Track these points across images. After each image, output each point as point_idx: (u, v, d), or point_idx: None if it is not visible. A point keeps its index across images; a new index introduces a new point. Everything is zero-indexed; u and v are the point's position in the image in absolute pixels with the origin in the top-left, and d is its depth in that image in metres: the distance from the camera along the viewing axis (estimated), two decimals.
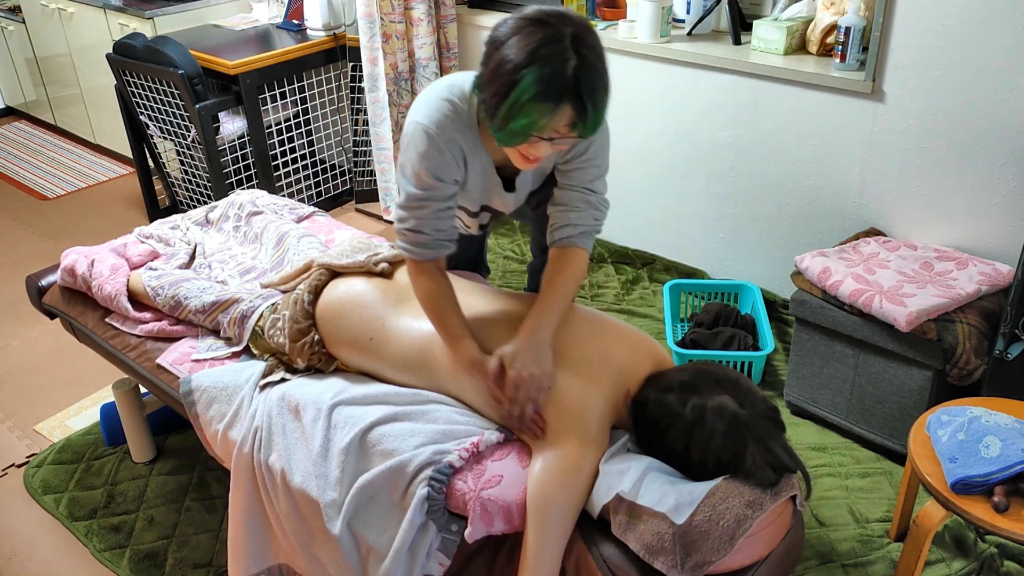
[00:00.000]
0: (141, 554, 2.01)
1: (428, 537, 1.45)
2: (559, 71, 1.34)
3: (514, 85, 1.35)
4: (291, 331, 1.73)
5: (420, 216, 1.58)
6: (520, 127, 1.37)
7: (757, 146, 2.62)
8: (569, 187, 1.69)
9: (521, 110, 1.35)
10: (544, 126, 1.38)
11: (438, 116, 1.55)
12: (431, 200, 1.58)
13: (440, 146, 1.54)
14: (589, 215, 1.69)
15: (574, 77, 1.35)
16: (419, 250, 1.60)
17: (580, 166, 1.67)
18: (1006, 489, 1.52)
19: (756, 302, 2.60)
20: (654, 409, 1.43)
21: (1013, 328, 1.89)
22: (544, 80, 1.33)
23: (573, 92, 1.36)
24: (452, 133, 1.55)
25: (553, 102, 1.35)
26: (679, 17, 2.77)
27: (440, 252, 1.62)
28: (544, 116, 1.36)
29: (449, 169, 1.57)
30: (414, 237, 1.59)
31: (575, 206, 1.68)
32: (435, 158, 1.55)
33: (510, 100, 1.35)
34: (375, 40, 3.14)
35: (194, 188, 3.49)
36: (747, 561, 1.34)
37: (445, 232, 1.62)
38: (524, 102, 1.34)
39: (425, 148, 1.54)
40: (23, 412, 2.56)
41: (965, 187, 2.25)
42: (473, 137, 1.59)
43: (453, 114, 1.55)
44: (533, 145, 1.43)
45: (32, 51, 4.47)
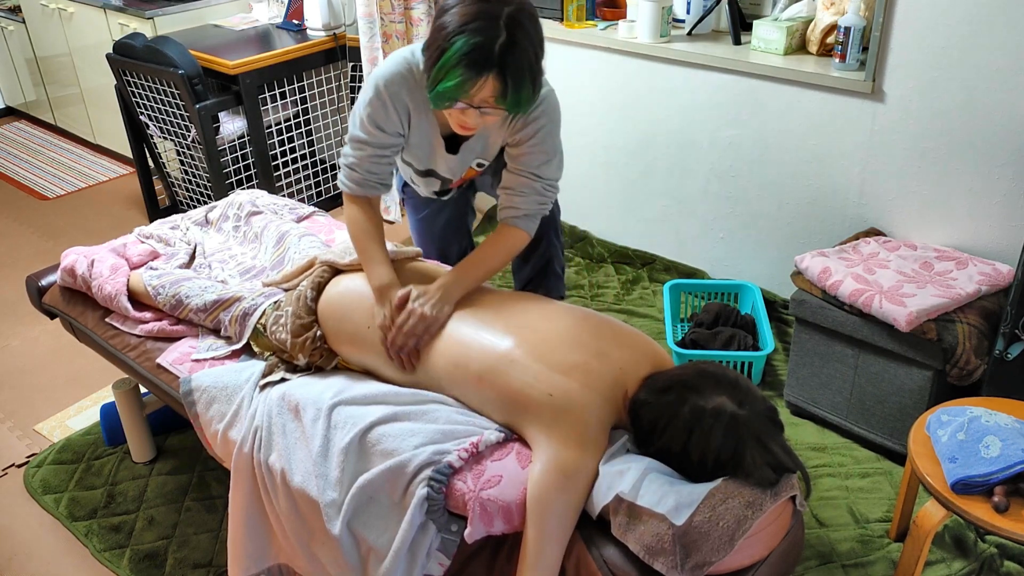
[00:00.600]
0: (141, 554, 2.01)
1: (428, 537, 1.45)
2: (486, 43, 1.45)
3: (445, 50, 1.47)
4: (293, 326, 1.73)
5: (358, 156, 1.76)
6: (446, 90, 1.50)
7: (757, 146, 2.62)
8: (516, 171, 1.80)
9: (447, 73, 1.48)
10: (467, 93, 1.50)
11: (391, 72, 1.69)
12: (368, 145, 1.74)
13: (385, 99, 1.69)
14: (533, 200, 1.80)
15: (499, 53, 1.46)
16: (351, 185, 1.78)
17: (527, 151, 1.77)
18: (1006, 489, 1.52)
19: (756, 302, 2.60)
20: (653, 410, 1.43)
21: (1013, 328, 1.89)
22: (470, 49, 1.45)
23: (496, 66, 1.47)
24: (399, 88, 1.69)
25: (476, 71, 1.47)
26: (679, 17, 2.77)
27: (370, 192, 1.78)
28: (467, 83, 1.48)
29: (390, 122, 1.72)
30: (349, 173, 1.78)
31: (520, 191, 1.79)
32: (378, 108, 1.70)
33: (440, 63, 1.48)
34: (375, 40, 3.14)
35: (194, 188, 3.49)
36: (747, 561, 1.34)
37: (377, 175, 1.77)
38: (450, 66, 1.47)
39: (371, 97, 1.70)
40: (23, 412, 2.56)
41: (965, 187, 2.25)
42: (422, 97, 1.71)
43: (407, 72, 1.68)
44: (464, 112, 1.56)
45: (32, 51, 4.47)
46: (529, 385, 1.47)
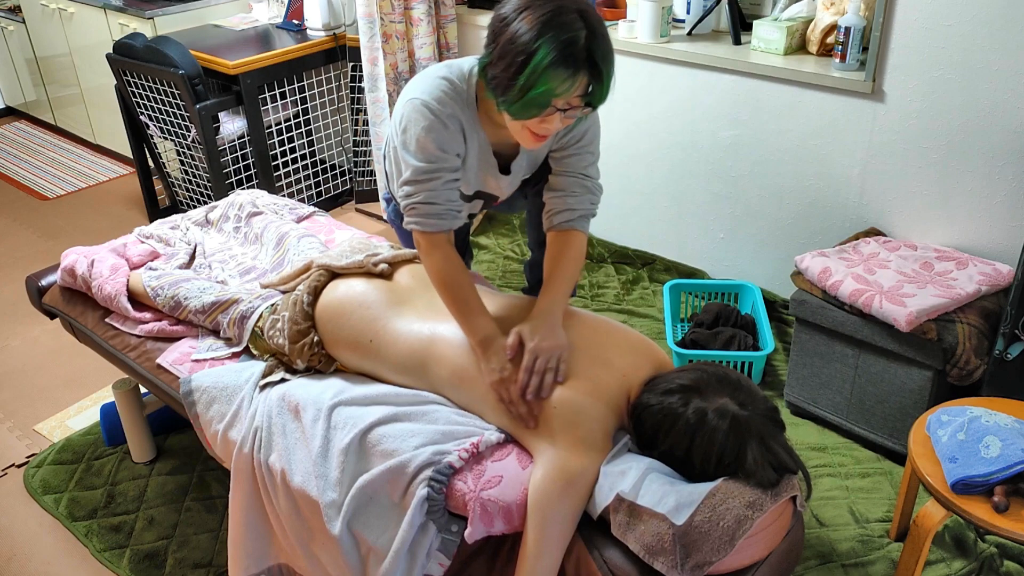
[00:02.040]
0: (141, 554, 2.01)
1: (428, 537, 1.45)
2: (573, 39, 1.41)
3: (531, 55, 1.40)
4: (290, 332, 1.73)
5: (431, 188, 1.61)
6: (539, 95, 1.42)
7: (757, 146, 2.62)
8: (565, 173, 1.75)
9: (540, 77, 1.41)
10: (562, 93, 1.43)
11: (438, 92, 1.60)
12: (440, 171, 1.61)
13: (443, 119, 1.59)
14: (586, 199, 1.75)
15: (587, 46, 1.42)
16: (433, 221, 1.62)
17: (575, 152, 1.74)
18: (1006, 489, 1.52)
19: (756, 302, 2.60)
20: (655, 412, 1.43)
21: (1013, 328, 1.89)
22: (560, 48, 1.40)
23: (588, 60, 1.42)
24: (452, 108, 1.60)
25: (571, 69, 1.41)
26: (679, 17, 2.77)
27: (453, 223, 1.64)
28: (563, 83, 1.42)
29: (454, 141, 1.62)
30: (427, 209, 1.61)
31: (572, 191, 1.74)
32: (439, 130, 1.59)
33: (528, 69, 1.41)
34: (375, 40, 3.14)
35: (194, 188, 3.49)
36: (747, 561, 1.34)
37: (455, 203, 1.64)
38: (543, 69, 1.40)
39: (429, 122, 1.58)
40: (23, 412, 2.56)
41: (965, 187, 2.25)
42: (471, 116, 1.64)
43: (452, 91, 1.61)
44: (546, 119, 1.48)
45: (32, 51, 4.47)
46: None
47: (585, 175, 1.76)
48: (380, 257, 1.80)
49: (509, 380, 1.50)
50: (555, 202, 1.75)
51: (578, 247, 1.73)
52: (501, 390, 1.50)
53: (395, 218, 2.08)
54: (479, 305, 1.60)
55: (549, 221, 1.76)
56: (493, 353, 1.54)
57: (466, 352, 1.57)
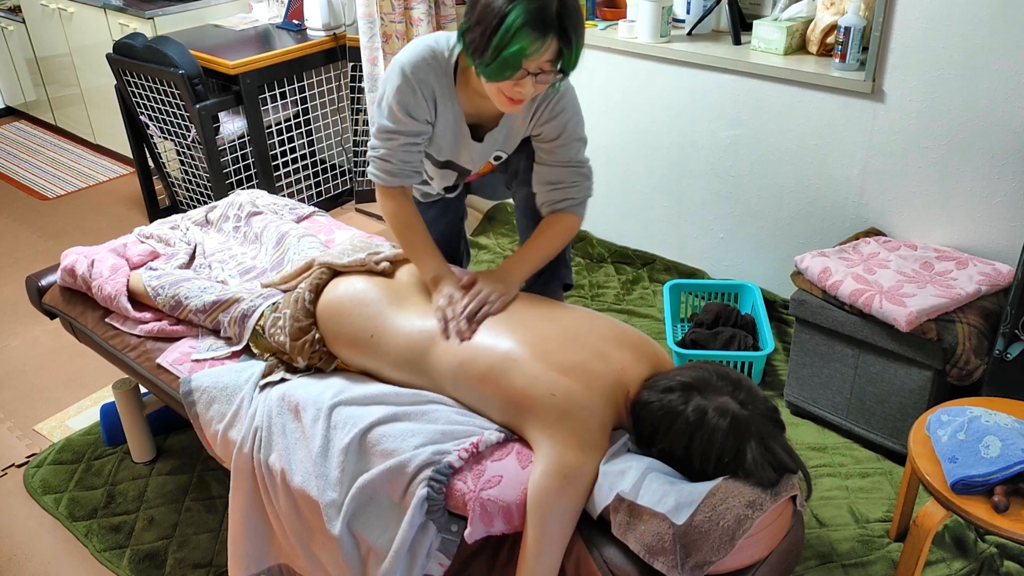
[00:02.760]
0: (141, 554, 2.01)
1: (428, 537, 1.45)
2: (545, 5, 1.50)
3: (504, 17, 1.50)
4: (292, 329, 1.73)
5: (389, 147, 1.77)
6: (511, 55, 1.51)
7: (757, 146, 2.62)
8: (559, 164, 1.84)
9: (513, 38, 1.50)
10: (533, 54, 1.52)
11: (416, 58, 1.71)
12: (400, 134, 1.75)
13: (413, 85, 1.71)
14: (584, 187, 1.87)
15: (557, 12, 1.51)
16: (386, 176, 1.79)
17: (563, 143, 1.83)
18: (1006, 489, 1.52)
19: (756, 302, 2.60)
20: (655, 410, 1.43)
21: (1013, 328, 1.89)
22: (532, 11, 1.49)
23: (558, 25, 1.52)
24: (427, 74, 1.71)
25: (541, 32, 1.50)
26: (679, 17, 2.77)
27: (406, 180, 1.80)
28: (533, 43, 1.51)
29: (419, 108, 1.73)
30: (383, 165, 1.79)
31: (572, 182, 1.85)
32: (407, 95, 1.71)
33: (501, 30, 1.50)
34: (375, 40, 3.14)
35: (194, 188, 3.49)
36: (747, 561, 1.34)
37: (411, 164, 1.79)
38: (515, 29, 1.49)
39: (399, 84, 1.71)
40: (23, 412, 2.56)
41: (965, 187, 2.25)
42: (448, 84, 1.74)
43: (432, 58, 1.71)
44: (519, 83, 1.57)
45: (32, 51, 4.47)
46: (531, 385, 1.47)
47: (579, 163, 1.86)
48: (382, 255, 1.81)
49: (454, 304, 1.63)
50: (553, 194, 1.86)
51: (569, 225, 1.85)
52: (446, 310, 1.63)
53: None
54: (431, 247, 1.77)
55: (548, 207, 1.87)
56: (445, 284, 1.69)
57: (466, 347, 1.57)
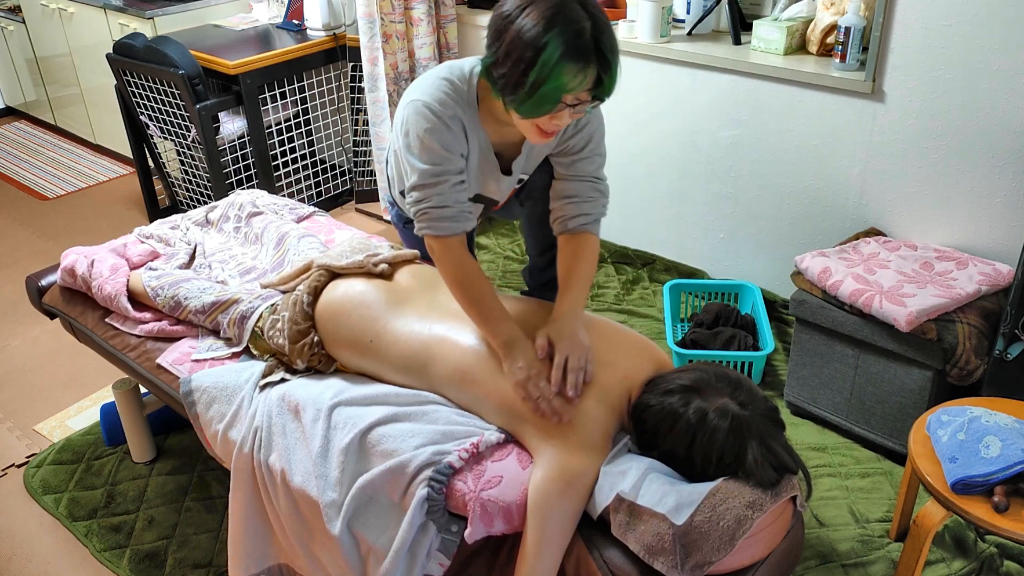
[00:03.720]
0: (141, 554, 2.01)
1: (428, 537, 1.45)
2: (580, 32, 1.39)
3: (540, 51, 1.38)
4: (290, 332, 1.73)
5: (440, 191, 1.59)
6: (551, 90, 1.41)
7: (757, 146, 2.62)
8: (577, 178, 1.76)
9: (551, 73, 1.39)
10: (573, 88, 1.42)
11: (439, 94, 1.58)
12: (446, 173, 1.59)
13: (445, 121, 1.57)
14: (599, 203, 1.77)
15: (593, 37, 1.40)
16: (446, 224, 1.60)
17: (585, 156, 1.75)
18: (1006, 489, 1.52)
19: (756, 302, 2.60)
20: (656, 412, 1.43)
21: (1013, 328, 1.89)
22: (569, 42, 1.38)
23: (596, 51, 1.41)
24: (453, 109, 1.59)
25: (581, 62, 1.40)
26: (679, 17, 2.77)
27: (465, 225, 1.62)
28: (574, 78, 1.41)
29: (457, 142, 1.60)
30: (439, 212, 1.59)
31: (588, 196, 1.75)
32: (443, 131, 1.57)
33: (538, 65, 1.39)
34: (375, 40, 3.14)
35: (194, 188, 3.49)
36: (747, 561, 1.34)
37: (465, 204, 1.62)
38: (553, 64, 1.39)
39: (432, 123, 1.57)
40: (23, 412, 2.56)
41: (965, 187, 2.25)
42: (472, 116, 1.62)
43: (453, 92, 1.59)
44: (556, 115, 1.47)
45: (32, 51, 4.47)
46: None
47: (596, 178, 1.77)
48: (380, 257, 1.80)
49: (537, 378, 1.47)
50: (569, 207, 1.75)
51: (593, 249, 1.74)
52: (529, 387, 1.47)
53: (399, 222, 2.07)
54: (499, 307, 1.57)
55: (563, 225, 1.75)
56: (520, 353, 1.51)
57: (468, 351, 1.57)
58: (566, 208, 1.75)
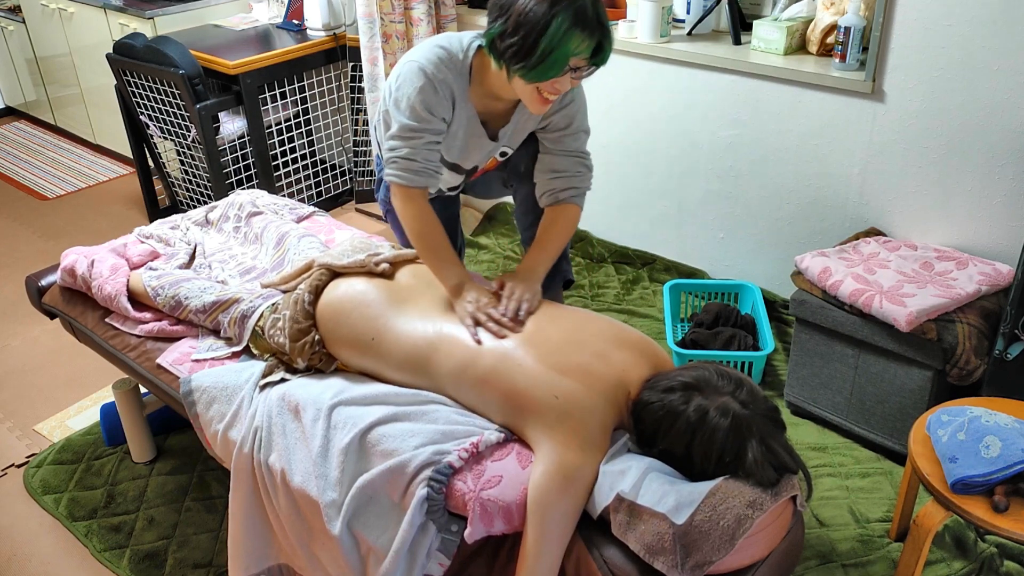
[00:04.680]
0: (141, 554, 2.01)
1: (428, 537, 1.45)
2: (584, 6, 1.58)
3: (550, 20, 1.56)
4: (291, 331, 1.73)
5: (412, 145, 1.76)
6: (560, 55, 1.59)
7: (757, 146, 2.62)
8: (563, 154, 1.92)
9: (561, 40, 1.57)
10: (579, 53, 1.60)
11: (434, 58, 1.74)
12: (423, 132, 1.75)
13: (435, 84, 1.73)
14: (586, 177, 1.94)
15: (595, 11, 1.60)
16: (410, 176, 1.77)
17: (570, 133, 1.91)
18: (1006, 489, 1.52)
19: (756, 302, 2.60)
20: (655, 411, 1.43)
21: (1013, 328, 1.89)
22: (576, 13, 1.57)
23: (598, 22, 1.60)
24: (445, 74, 1.74)
25: (588, 32, 1.58)
26: (679, 17, 2.77)
27: (428, 180, 1.79)
28: (580, 43, 1.58)
29: (440, 106, 1.75)
30: (407, 164, 1.77)
31: (576, 171, 1.92)
32: (429, 93, 1.73)
33: (549, 33, 1.56)
34: (375, 40, 3.14)
35: (194, 188, 3.49)
36: (747, 561, 1.34)
37: (433, 163, 1.79)
38: (564, 31, 1.56)
39: (421, 83, 1.73)
40: (23, 412, 2.56)
41: (965, 187, 2.25)
42: (463, 85, 1.78)
43: (448, 59, 1.74)
44: (558, 80, 1.63)
45: (32, 51, 4.47)
46: (533, 386, 1.47)
47: (582, 153, 1.93)
48: (381, 256, 1.80)
49: (484, 307, 1.63)
50: (557, 181, 1.91)
51: (573, 216, 1.92)
52: (477, 315, 1.61)
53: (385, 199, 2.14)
54: (451, 255, 1.76)
55: (552, 197, 1.92)
56: (468, 291, 1.68)
57: (469, 348, 1.57)
58: (554, 182, 1.92)
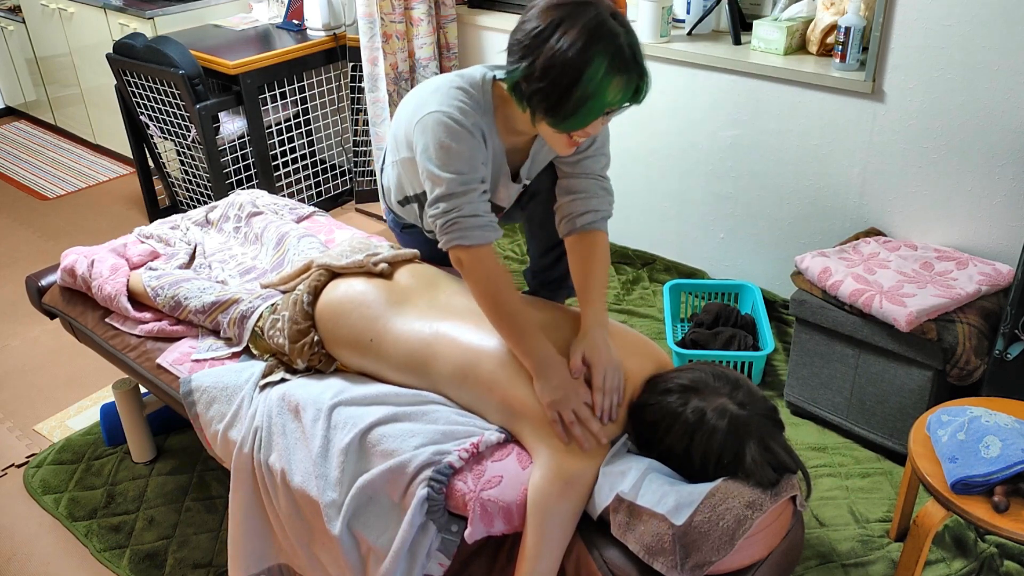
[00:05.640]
0: (141, 554, 2.01)
1: (428, 537, 1.45)
2: (620, 46, 1.42)
3: (585, 66, 1.40)
4: (291, 332, 1.73)
5: (470, 199, 1.55)
6: (597, 105, 1.44)
7: (757, 146, 2.62)
8: (584, 176, 1.75)
9: (598, 88, 1.41)
10: (615, 101, 1.45)
11: (458, 103, 1.56)
12: (474, 181, 1.56)
13: (469, 129, 1.55)
14: (606, 201, 1.77)
15: (630, 50, 1.43)
16: (478, 233, 1.55)
17: (592, 155, 1.75)
18: (1006, 489, 1.52)
19: (756, 302, 2.60)
20: (655, 411, 1.43)
21: (1013, 328, 1.89)
22: (612, 57, 1.41)
23: (635, 62, 1.44)
24: (474, 117, 1.57)
25: (625, 75, 1.43)
26: (679, 17, 2.77)
27: (496, 234, 1.59)
28: (619, 90, 1.43)
29: (481, 151, 1.58)
30: (471, 222, 1.55)
31: (595, 193, 1.75)
32: (468, 140, 1.55)
33: (584, 81, 1.41)
34: (375, 40, 3.14)
35: (194, 188, 3.49)
36: (747, 561, 1.34)
37: (492, 214, 1.59)
38: (600, 79, 1.41)
39: (457, 133, 1.54)
40: (23, 412, 2.56)
41: (965, 187, 2.25)
42: (490, 124, 1.62)
43: (471, 101, 1.58)
44: (593, 124, 1.48)
45: (32, 51, 4.47)
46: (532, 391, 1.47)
47: (602, 176, 1.77)
48: (380, 257, 1.80)
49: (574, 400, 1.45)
50: (576, 205, 1.74)
51: (604, 249, 1.75)
52: (562, 409, 1.44)
53: (396, 227, 2.06)
54: (531, 323, 1.53)
55: (571, 224, 1.74)
56: (553, 372, 1.48)
57: (468, 349, 1.57)
58: (573, 205, 1.74)
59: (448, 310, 1.67)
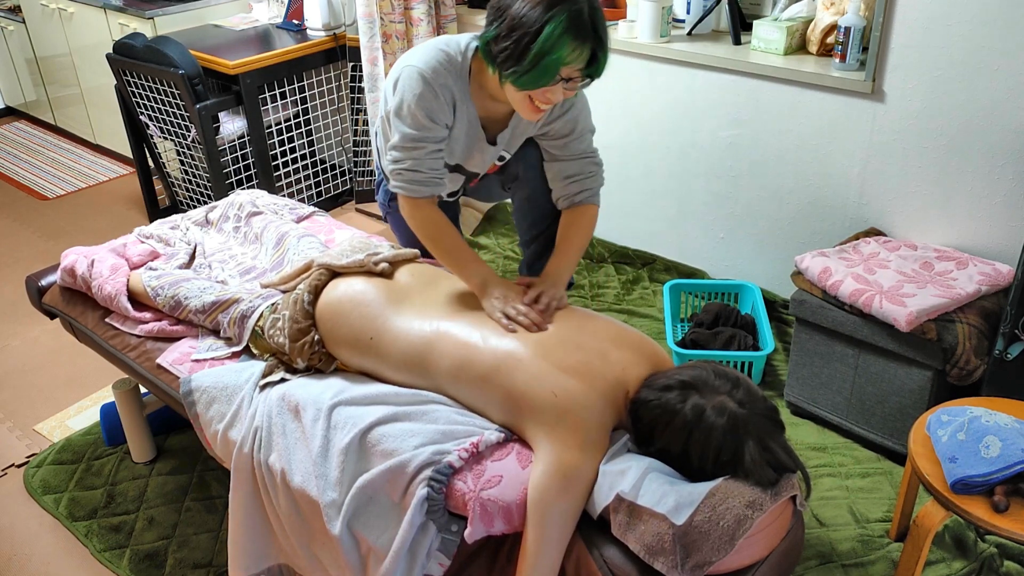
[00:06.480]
0: (141, 554, 2.01)
1: (428, 537, 1.45)
2: (580, 12, 1.53)
3: (544, 25, 1.52)
4: (291, 331, 1.73)
5: (416, 156, 1.72)
6: (551, 63, 1.54)
7: (757, 146, 2.62)
8: (573, 157, 1.90)
9: (554, 45, 1.52)
10: (571, 62, 1.55)
11: (434, 63, 1.69)
12: (426, 140, 1.72)
13: (435, 89, 1.68)
14: (598, 176, 1.93)
15: (591, 17, 1.55)
16: (416, 187, 1.74)
17: (576, 136, 1.88)
18: (1006, 489, 1.52)
19: (756, 302, 2.60)
20: (654, 410, 1.43)
21: (1013, 328, 1.89)
22: (571, 19, 1.52)
23: (593, 31, 1.55)
24: (445, 79, 1.70)
25: (580, 39, 1.53)
26: (679, 17, 2.77)
27: (436, 189, 1.76)
28: (572, 51, 1.54)
29: (442, 112, 1.71)
30: (412, 175, 1.73)
31: (588, 172, 1.91)
32: (430, 99, 1.69)
33: (541, 38, 1.52)
34: (375, 40, 3.14)
35: (194, 188, 3.49)
36: (747, 561, 1.34)
37: (438, 171, 1.76)
38: (556, 37, 1.51)
39: (421, 90, 1.68)
40: (23, 412, 2.56)
41: (965, 187, 2.25)
42: (463, 87, 1.74)
43: (447, 62, 1.70)
44: (549, 89, 1.59)
45: (32, 51, 4.47)
46: (533, 384, 1.47)
47: (591, 153, 1.92)
48: (380, 256, 1.80)
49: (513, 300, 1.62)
50: (572, 187, 1.90)
51: (591, 217, 1.90)
52: (507, 309, 1.60)
53: (385, 201, 2.11)
54: (470, 253, 1.73)
55: (566, 200, 1.91)
56: (494, 287, 1.66)
57: (467, 346, 1.57)
58: (569, 187, 1.90)
59: (447, 308, 1.67)
